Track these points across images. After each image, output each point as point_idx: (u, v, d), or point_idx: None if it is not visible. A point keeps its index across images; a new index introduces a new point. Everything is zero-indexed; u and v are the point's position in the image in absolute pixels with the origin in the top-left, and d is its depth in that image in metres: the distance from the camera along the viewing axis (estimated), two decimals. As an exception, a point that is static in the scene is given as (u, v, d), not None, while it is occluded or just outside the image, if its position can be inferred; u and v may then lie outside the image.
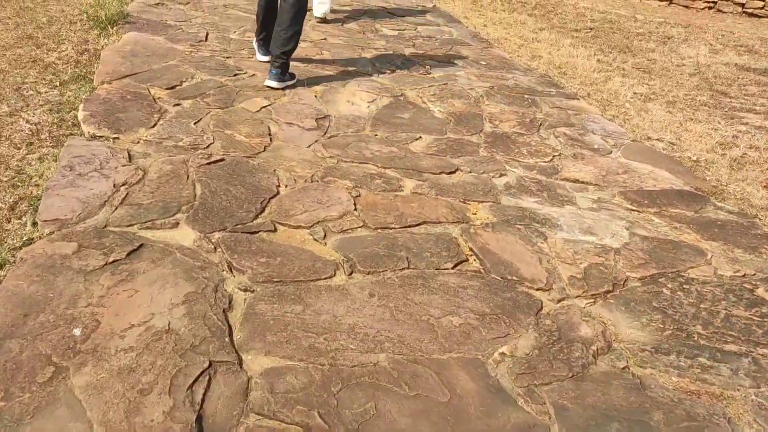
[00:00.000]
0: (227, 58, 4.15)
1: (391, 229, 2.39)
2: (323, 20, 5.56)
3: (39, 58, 3.69)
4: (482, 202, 2.71)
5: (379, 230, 2.37)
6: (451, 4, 7.36)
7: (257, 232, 2.24)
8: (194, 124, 3.10)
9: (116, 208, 2.25)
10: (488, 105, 4.02)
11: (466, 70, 4.71)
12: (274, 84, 3.69)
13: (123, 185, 2.40)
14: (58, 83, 3.37)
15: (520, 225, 2.55)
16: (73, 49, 3.96)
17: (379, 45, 5.03)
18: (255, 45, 4.21)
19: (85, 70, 3.61)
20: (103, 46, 4.02)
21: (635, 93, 4.75)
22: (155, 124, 3.02)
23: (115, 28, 4.37)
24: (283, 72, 3.70)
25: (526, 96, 4.27)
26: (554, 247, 2.42)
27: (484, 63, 5.01)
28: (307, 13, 3.92)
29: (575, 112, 4.05)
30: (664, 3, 9.44)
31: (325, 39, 4.95)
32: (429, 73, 4.48)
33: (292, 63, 3.82)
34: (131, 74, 3.58)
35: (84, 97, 3.21)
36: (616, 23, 7.57)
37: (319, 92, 3.80)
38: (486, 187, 2.85)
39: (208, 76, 3.75)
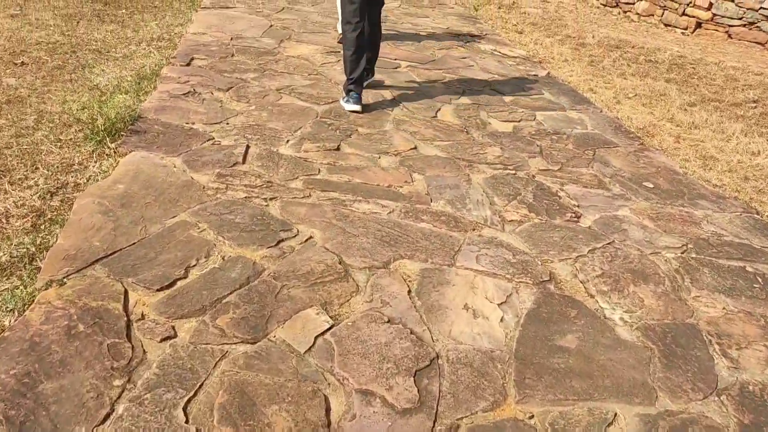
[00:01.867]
0: (270, 199, 2.65)
1: None
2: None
3: (-25, 216, 2.30)
4: None
5: None
6: (566, 69, 5.69)
7: None
8: (184, 406, 1.58)
9: None
10: (698, 299, 2.34)
11: (630, 205, 3.04)
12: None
13: None
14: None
15: None
16: (44, 184, 2.56)
17: (491, 155, 3.43)
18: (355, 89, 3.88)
19: (39, 242, 2.18)
20: (85, 183, 2.61)
21: None
22: (106, 418, 1.52)
23: (115, 144, 2.96)
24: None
25: (748, 270, 2.57)
26: None
27: (650, 185, 3.32)
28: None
29: None
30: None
31: (414, 148, 3.40)
32: (577, 219, 2.84)
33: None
34: (105, 256, 2.12)
35: (6, 324, 1.75)
36: (787, 93, 5.69)
37: (413, 279, 2.23)
38: None
39: (234, 249, 2.25)
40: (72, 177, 2.66)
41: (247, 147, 3.12)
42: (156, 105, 3.46)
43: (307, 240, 2.40)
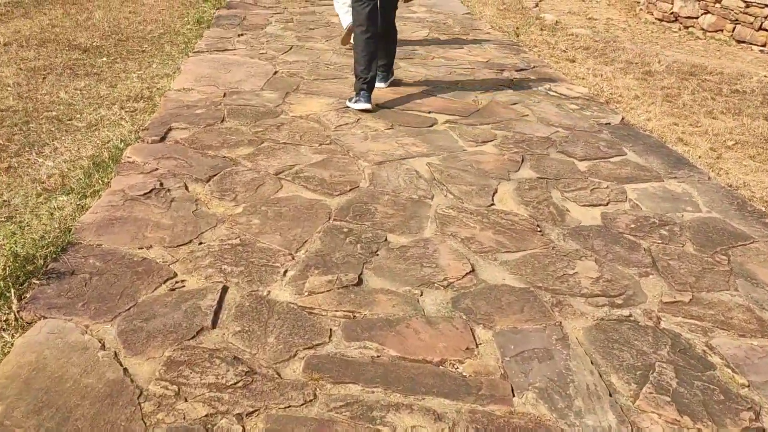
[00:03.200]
0: (248, 415, 1.57)
1: None
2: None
3: None
4: None
5: None
6: (641, 110, 4.51)
7: None
8: None
9: None
10: None
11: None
12: (383, 84, 4.18)
13: None
14: None
15: None
16: None
17: (585, 278, 2.29)
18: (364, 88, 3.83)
19: None
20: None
21: None
22: None
23: (18, 304, 1.91)
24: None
25: None
26: None
27: (835, 322, 2.16)
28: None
29: None
30: None
31: (471, 272, 2.27)
32: (757, 419, 1.69)
33: None
34: None
35: None
36: None
37: None
38: None
39: None
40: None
41: (224, 291, 2.05)
42: (101, 216, 2.42)
43: None
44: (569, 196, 2.96)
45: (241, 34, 5.59)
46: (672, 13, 7.55)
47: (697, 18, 7.26)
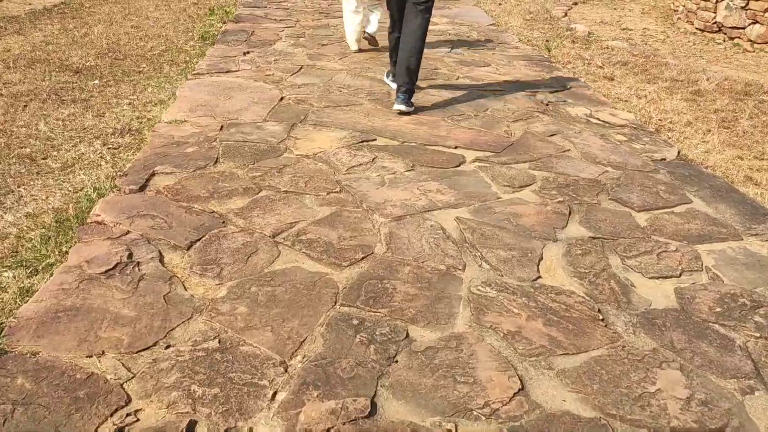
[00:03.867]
0: None
1: None
2: (370, 39, 5.34)
3: None
4: None
5: None
6: (697, 140, 3.89)
7: None
8: None
9: None
10: None
11: None
12: (403, 107, 3.79)
13: None
14: None
15: None
16: None
17: (670, 398, 1.70)
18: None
19: None
20: None
21: None
22: None
23: None
24: (409, 96, 3.82)
25: None
26: None
27: None
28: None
29: None
30: None
31: (521, 390, 1.71)
32: None
33: None
34: None
35: None
36: None
37: None
38: None
39: None
40: None
41: (190, 429, 1.51)
42: (46, 306, 1.89)
43: None
44: (632, 264, 2.38)
45: (247, 52, 5.08)
46: (715, 22, 6.89)
47: (743, 29, 6.60)
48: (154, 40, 5.56)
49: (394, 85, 4.10)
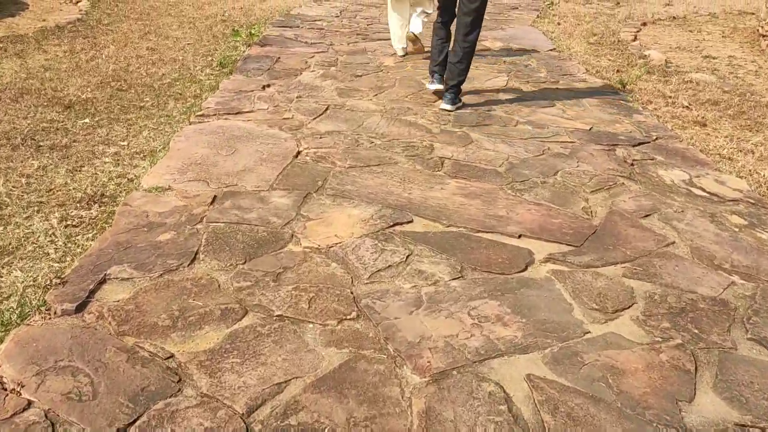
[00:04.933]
0: None
1: None
2: (415, 39, 5.19)
3: None
4: None
5: None
6: (756, 188, 2.89)
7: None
8: None
9: None
10: None
11: None
12: (448, 107, 3.88)
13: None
14: None
15: None
16: None
17: None
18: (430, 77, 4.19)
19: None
20: None
21: None
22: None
23: None
24: (456, 96, 3.90)
25: None
26: None
27: None
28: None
29: None
30: None
31: None
32: None
33: None
34: None
35: None
36: None
37: None
38: None
39: None
40: None
41: None
42: None
43: None
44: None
45: (267, 85, 4.28)
46: (819, 51, 5.77)
47: None
48: (167, 66, 4.83)
49: (433, 86, 4.11)
